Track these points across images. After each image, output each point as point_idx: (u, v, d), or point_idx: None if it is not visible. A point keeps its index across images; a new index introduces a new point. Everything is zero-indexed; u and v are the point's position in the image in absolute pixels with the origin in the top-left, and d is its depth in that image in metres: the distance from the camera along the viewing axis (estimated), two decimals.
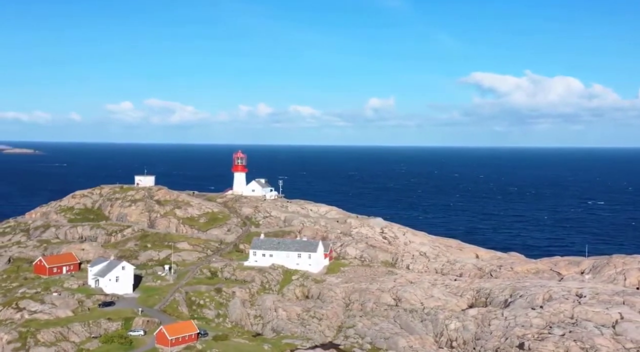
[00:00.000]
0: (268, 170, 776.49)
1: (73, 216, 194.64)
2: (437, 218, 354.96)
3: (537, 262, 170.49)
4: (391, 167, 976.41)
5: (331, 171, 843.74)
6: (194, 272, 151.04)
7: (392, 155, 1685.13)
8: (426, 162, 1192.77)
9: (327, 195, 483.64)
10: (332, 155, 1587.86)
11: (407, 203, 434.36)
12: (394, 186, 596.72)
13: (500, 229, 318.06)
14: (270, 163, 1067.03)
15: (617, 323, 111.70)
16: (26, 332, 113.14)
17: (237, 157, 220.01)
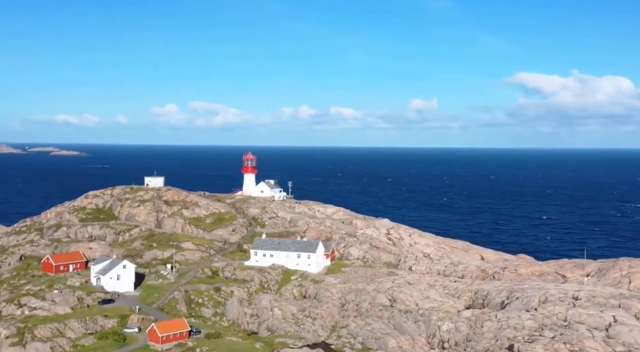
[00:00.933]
0: (303, 172, 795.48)
1: (84, 216, 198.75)
2: (463, 220, 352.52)
3: (542, 265, 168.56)
4: (429, 169, 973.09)
5: (366, 173, 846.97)
6: (195, 272, 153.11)
7: (434, 157, 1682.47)
8: (467, 164, 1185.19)
9: (356, 196, 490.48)
10: (373, 157, 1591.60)
11: (437, 205, 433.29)
12: (427, 187, 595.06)
13: (525, 231, 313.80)
14: (308, 165, 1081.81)
15: (610, 326, 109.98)
16: (24, 327, 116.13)
17: (246, 159, 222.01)
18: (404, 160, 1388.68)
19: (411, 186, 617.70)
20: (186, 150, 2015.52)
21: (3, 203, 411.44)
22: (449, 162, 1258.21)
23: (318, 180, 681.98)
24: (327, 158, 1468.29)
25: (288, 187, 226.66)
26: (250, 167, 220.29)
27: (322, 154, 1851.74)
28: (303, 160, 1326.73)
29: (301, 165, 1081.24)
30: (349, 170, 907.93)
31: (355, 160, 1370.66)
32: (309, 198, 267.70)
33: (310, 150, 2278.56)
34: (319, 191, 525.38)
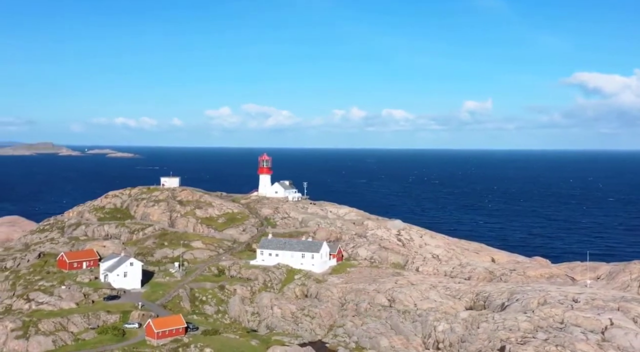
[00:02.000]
0: (349, 174, 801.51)
1: (103, 215, 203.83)
2: (498, 223, 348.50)
3: (552, 267, 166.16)
4: (478, 171, 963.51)
5: (413, 175, 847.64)
6: (202, 270, 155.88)
7: (487, 159, 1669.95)
8: (519, 166, 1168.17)
9: (394, 198, 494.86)
10: (424, 159, 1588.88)
11: (476, 207, 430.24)
12: (471, 190, 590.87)
13: (559, 235, 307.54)
14: (356, 166, 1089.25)
15: (607, 329, 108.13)
16: (29, 321, 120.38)
17: (262, 160, 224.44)
18: (455, 162, 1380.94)
19: (456, 188, 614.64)
20: (237, 152, 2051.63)
21: (50, 203, 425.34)
22: (500, 165, 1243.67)
23: (363, 182, 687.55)
24: (378, 160, 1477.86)
25: (303, 188, 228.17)
26: (266, 168, 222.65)
27: (373, 156, 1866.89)
28: (354, 162, 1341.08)
29: (349, 167, 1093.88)
30: (395, 172, 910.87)
31: (406, 162, 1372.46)
32: (346, 199, 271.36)
33: (362, 153, 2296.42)
34: (357, 193, 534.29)
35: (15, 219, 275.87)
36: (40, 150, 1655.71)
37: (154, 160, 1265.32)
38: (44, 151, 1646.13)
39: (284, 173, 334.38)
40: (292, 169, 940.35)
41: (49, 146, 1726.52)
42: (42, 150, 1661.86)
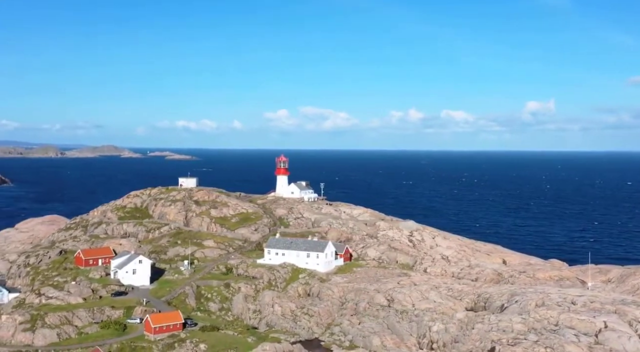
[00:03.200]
0: (396, 176, 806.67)
1: (123, 214, 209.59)
2: (539, 226, 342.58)
3: (563, 270, 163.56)
4: (532, 173, 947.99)
5: (464, 176, 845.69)
6: (210, 268, 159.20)
7: (548, 160, 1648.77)
8: (580, 168, 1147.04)
9: (436, 199, 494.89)
10: (482, 161, 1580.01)
11: (519, 209, 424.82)
12: (519, 192, 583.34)
13: (602, 238, 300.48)
14: (408, 168, 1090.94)
15: (600, 332, 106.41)
16: (37, 315, 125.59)
17: (279, 161, 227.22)
18: (513, 164, 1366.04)
19: (505, 189, 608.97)
20: (294, 155, 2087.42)
21: (98, 204, 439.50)
22: (558, 166, 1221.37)
23: (409, 183, 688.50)
24: (432, 162, 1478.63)
25: (320, 188, 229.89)
26: (283, 169, 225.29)
27: (429, 157, 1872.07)
28: (408, 164, 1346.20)
29: (399, 168, 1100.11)
30: (448, 174, 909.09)
31: (461, 164, 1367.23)
32: (384, 201, 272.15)
33: (419, 154, 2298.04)
34: (399, 194, 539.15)
35: (55, 218, 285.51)
36: (104, 152, 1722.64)
37: (210, 162, 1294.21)
38: (107, 153, 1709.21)
39: (332, 174, 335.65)
40: (339, 170, 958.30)
41: (112, 149, 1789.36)
42: (106, 152, 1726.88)
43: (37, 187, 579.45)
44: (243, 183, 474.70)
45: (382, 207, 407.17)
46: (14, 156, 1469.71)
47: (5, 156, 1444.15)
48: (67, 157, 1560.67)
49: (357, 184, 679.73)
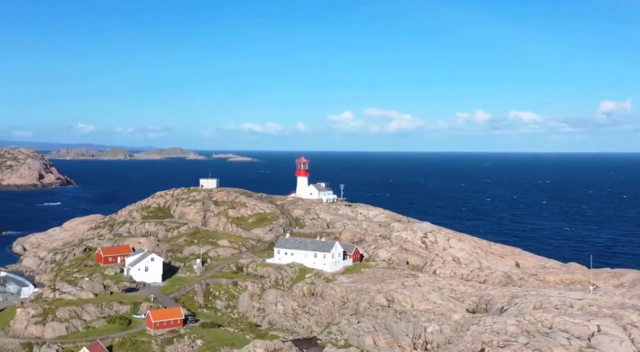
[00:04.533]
0: (454, 178, 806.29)
1: (147, 214, 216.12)
2: (584, 230, 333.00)
3: (575, 273, 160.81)
4: (599, 176, 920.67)
5: (524, 178, 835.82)
6: (221, 267, 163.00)
7: (623, 162, 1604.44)
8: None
9: (485, 202, 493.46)
10: (549, 163, 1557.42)
11: (570, 213, 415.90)
12: (578, 194, 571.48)
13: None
14: (469, 170, 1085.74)
15: (593, 335, 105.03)
16: (48, 309, 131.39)
17: (299, 162, 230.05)
18: (584, 166, 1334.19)
19: (563, 192, 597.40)
20: (355, 156, 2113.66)
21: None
22: (630, 169, 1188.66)
23: (463, 186, 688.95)
24: (496, 164, 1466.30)
25: (340, 190, 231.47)
26: (303, 170, 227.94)
27: (494, 159, 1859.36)
28: (470, 165, 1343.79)
29: (461, 170, 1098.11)
30: (508, 176, 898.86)
31: (526, 165, 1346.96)
32: (430, 202, 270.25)
33: (483, 156, 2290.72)
34: (448, 196, 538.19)
35: (96, 218, 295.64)
36: (170, 154, 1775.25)
37: (269, 164, 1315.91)
38: (173, 156, 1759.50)
39: (388, 176, 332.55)
40: (397, 172, 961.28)
41: (178, 151, 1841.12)
42: (172, 154, 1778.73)
43: (99, 188, 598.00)
44: (284, 184, 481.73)
45: (429, 210, 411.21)
46: (86, 158, 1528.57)
47: (77, 158, 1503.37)
48: (134, 159, 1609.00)
49: (409, 186, 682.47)
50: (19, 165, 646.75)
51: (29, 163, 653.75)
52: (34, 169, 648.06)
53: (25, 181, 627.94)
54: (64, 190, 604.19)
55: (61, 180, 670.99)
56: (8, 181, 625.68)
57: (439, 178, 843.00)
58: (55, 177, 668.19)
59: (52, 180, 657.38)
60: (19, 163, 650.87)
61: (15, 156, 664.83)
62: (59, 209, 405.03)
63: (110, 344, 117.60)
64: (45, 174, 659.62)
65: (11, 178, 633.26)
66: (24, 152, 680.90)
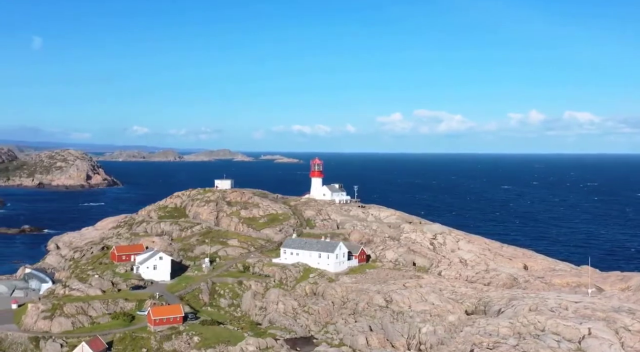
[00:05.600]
0: (499, 180, 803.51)
1: (164, 214, 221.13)
2: (621, 235, 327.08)
3: (581, 276, 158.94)
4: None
5: (569, 180, 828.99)
6: (229, 266, 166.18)
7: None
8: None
9: (524, 204, 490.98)
10: (603, 164, 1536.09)
11: (610, 216, 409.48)
12: (623, 196, 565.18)
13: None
14: (517, 172, 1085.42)
15: (584, 339, 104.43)
16: (57, 304, 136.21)
17: (314, 164, 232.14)
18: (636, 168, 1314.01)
19: (608, 195, 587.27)
20: (406, 158, 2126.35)
21: None
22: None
23: (505, 188, 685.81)
24: (548, 165, 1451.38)
25: (354, 191, 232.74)
26: (317, 172, 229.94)
27: (546, 161, 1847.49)
28: (520, 167, 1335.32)
29: (508, 172, 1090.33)
30: (555, 179, 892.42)
31: (577, 168, 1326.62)
32: (469, 205, 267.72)
33: (536, 158, 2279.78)
34: (487, 199, 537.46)
35: (125, 217, 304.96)
36: (219, 156, 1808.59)
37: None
38: (222, 157, 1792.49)
39: (431, 178, 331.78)
40: (442, 174, 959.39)
41: (227, 152, 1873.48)
42: (221, 156, 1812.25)
43: (144, 189, 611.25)
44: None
45: (463, 212, 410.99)
46: (137, 160, 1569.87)
47: (129, 160, 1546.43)
48: (184, 161, 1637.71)
49: (451, 188, 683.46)
50: (68, 167, 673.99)
51: (77, 164, 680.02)
52: (82, 170, 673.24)
53: (74, 182, 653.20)
54: (110, 190, 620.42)
55: (108, 181, 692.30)
56: (57, 182, 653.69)
57: (484, 180, 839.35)
58: (102, 178, 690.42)
59: (99, 181, 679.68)
60: (68, 164, 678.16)
61: (65, 158, 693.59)
62: (100, 209, 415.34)
63: (112, 340, 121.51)
64: (92, 175, 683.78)
65: (60, 179, 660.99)
66: (73, 153, 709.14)
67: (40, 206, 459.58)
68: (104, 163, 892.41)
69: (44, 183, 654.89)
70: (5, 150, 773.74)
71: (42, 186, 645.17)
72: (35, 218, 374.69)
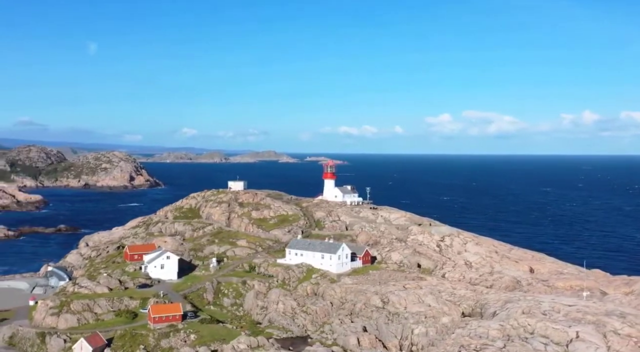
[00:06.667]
0: (541, 182, 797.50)
1: (179, 214, 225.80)
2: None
3: (586, 280, 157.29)
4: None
5: (616, 183, 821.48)
6: (235, 266, 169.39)
7: None
8: None
9: (560, 207, 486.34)
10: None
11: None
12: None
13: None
14: (563, 174, 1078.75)
15: (571, 342, 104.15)
16: (65, 301, 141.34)
17: (326, 166, 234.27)
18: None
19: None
20: (454, 160, 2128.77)
21: None
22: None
23: (548, 190, 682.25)
24: (598, 168, 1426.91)
25: (366, 192, 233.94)
26: (330, 173, 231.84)
27: (598, 163, 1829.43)
28: (569, 169, 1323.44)
29: (553, 174, 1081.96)
30: (602, 181, 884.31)
31: (630, 169, 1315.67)
32: (506, 208, 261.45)
33: (590, 160, 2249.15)
34: (526, 201, 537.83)
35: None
36: (264, 157, 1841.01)
37: (355, 166, 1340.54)
38: (267, 158, 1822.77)
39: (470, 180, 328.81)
40: (484, 176, 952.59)
41: (272, 154, 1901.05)
42: (266, 157, 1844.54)
43: (184, 190, 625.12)
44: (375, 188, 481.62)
45: (498, 216, 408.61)
46: (184, 161, 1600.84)
47: (176, 161, 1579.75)
48: (229, 162, 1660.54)
49: (490, 189, 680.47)
50: (112, 168, 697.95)
51: (121, 166, 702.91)
52: (125, 172, 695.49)
53: (117, 183, 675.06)
54: (151, 191, 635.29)
55: (150, 182, 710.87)
56: (102, 183, 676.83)
57: (527, 182, 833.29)
58: (144, 179, 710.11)
59: (142, 182, 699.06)
60: (113, 166, 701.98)
61: (110, 159, 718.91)
62: (137, 210, 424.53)
63: (113, 336, 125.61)
64: (135, 176, 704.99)
65: (105, 180, 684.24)
66: (117, 155, 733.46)
67: (81, 206, 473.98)
68: (151, 164, 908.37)
69: (89, 184, 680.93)
70: (54, 152, 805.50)
71: (88, 187, 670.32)
72: (73, 218, 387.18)
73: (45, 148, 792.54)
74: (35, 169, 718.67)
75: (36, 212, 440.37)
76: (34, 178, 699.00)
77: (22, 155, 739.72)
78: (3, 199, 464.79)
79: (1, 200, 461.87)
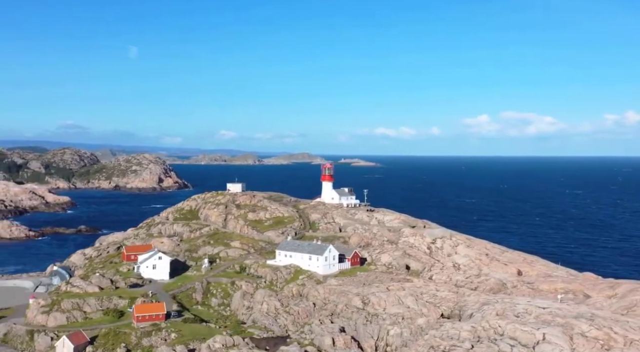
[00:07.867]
0: (578, 184, 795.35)
1: (179, 216, 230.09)
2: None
3: (571, 283, 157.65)
4: None
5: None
6: (226, 267, 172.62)
7: None
8: None
9: (583, 209, 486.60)
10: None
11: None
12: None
13: None
14: (598, 177, 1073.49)
15: (538, 344, 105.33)
16: (56, 300, 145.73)
17: (324, 168, 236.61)
18: None
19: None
20: (490, 161, 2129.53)
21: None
22: None
23: (579, 193, 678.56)
24: (638, 170, 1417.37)
25: (364, 195, 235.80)
26: (328, 176, 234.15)
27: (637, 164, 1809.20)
28: (608, 171, 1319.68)
29: (588, 176, 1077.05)
30: (636, 184, 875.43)
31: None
32: (529, 210, 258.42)
33: (629, 161, 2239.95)
34: (549, 204, 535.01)
35: None
36: (298, 159, 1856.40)
37: (389, 169, 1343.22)
38: (300, 160, 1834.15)
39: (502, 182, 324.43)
40: (515, 178, 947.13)
41: (306, 156, 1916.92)
42: (300, 159, 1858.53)
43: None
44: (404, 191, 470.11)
45: (517, 218, 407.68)
46: (218, 163, 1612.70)
47: (211, 163, 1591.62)
48: (263, 164, 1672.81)
49: (518, 192, 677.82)
50: (142, 170, 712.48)
51: (150, 168, 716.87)
52: (154, 174, 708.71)
53: (146, 185, 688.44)
54: (178, 193, 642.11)
55: (179, 184, 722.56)
56: (132, 184, 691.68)
57: (557, 184, 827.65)
58: (173, 181, 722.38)
59: (170, 183, 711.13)
60: (142, 168, 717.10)
61: (140, 161, 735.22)
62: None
63: (97, 334, 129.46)
64: (164, 178, 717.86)
65: (135, 181, 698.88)
66: (147, 157, 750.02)
67: (107, 208, 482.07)
68: (185, 166, 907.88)
69: (119, 186, 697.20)
70: (88, 154, 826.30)
71: (118, 188, 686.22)
72: (95, 219, 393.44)
73: (79, 150, 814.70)
74: (69, 171, 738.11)
75: (62, 213, 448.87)
76: (67, 180, 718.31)
77: (56, 157, 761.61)
78: (33, 200, 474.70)
79: (31, 201, 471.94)
